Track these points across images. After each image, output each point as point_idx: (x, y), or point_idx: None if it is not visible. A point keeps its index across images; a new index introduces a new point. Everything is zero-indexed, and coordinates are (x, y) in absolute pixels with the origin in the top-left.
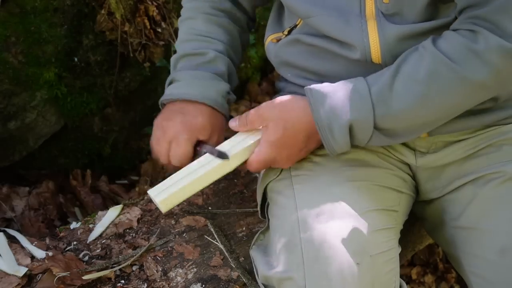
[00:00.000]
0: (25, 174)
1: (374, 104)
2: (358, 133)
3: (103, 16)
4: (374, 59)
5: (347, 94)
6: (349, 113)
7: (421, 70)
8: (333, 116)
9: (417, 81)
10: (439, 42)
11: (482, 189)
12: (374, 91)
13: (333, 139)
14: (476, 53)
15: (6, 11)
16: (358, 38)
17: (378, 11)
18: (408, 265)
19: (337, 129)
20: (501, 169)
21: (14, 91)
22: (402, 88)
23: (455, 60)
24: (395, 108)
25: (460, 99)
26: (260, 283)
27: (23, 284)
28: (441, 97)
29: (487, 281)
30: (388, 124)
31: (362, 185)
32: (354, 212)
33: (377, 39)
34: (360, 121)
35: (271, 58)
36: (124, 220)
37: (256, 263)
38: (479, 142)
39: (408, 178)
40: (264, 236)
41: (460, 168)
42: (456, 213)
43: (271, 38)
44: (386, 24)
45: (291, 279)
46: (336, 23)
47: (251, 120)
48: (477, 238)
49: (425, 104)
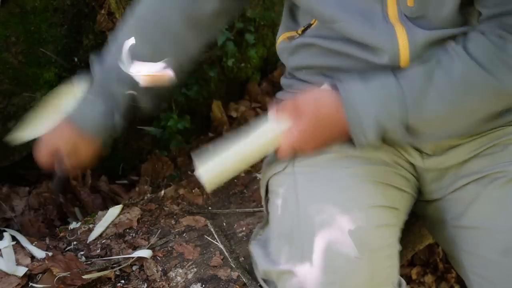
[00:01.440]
0: (25, 174)
1: (408, 108)
2: (388, 134)
3: (103, 16)
4: (402, 64)
5: (380, 96)
6: (382, 116)
7: (455, 76)
8: (365, 118)
9: (450, 88)
10: (469, 46)
11: (486, 188)
12: (409, 95)
13: (365, 139)
14: (505, 62)
15: (6, 11)
16: (387, 43)
17: (402, 15)
18: (408, 265)
19: (369, 131)
20: (505, 169)
21: (14, 91)
22: (436, 95)
23: (488, 69)
24: (426, 114)
25: (490, 106)
26: (260, 278)
27: (23, 284)
28: (472, 105)
29: (488, 281)
30: (417, 127)
31: (364, 180)
32: (356, 207)
33: (406, 43)
34: (392, 124)
35: (283, 57)
36: (124, 220)
37: (256, 258)
38: (483, 143)
39: (411, 178)
40: (263, 231)
41: (464, 167)
42: (458, 212)
43: (284, 37)
44: (414, 29)
45: (291, 272)
46: (363, 28)
47: (286, 109)
48: (480, 238)
49: (456, 110)
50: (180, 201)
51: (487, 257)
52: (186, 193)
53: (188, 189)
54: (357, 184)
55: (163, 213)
